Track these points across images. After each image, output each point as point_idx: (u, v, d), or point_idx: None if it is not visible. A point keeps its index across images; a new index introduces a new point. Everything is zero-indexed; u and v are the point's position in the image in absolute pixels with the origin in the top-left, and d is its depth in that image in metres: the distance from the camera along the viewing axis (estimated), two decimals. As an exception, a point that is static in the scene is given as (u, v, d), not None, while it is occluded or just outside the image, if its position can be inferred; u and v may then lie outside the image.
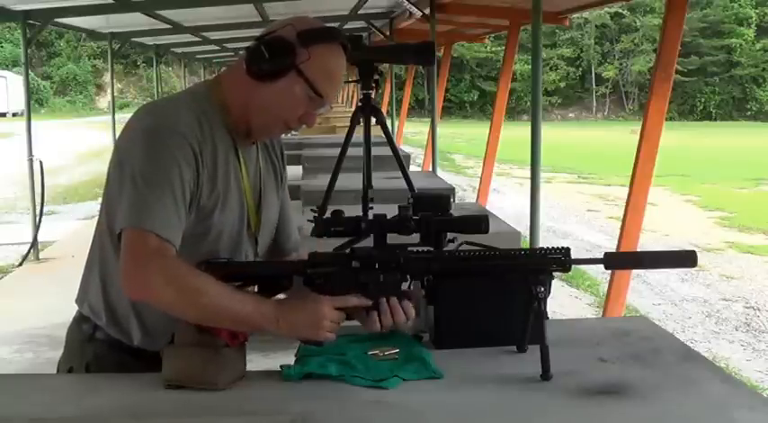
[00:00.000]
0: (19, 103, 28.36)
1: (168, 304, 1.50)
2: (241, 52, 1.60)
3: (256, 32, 1.80)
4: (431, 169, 8.48)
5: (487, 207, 7.60)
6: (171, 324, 1.53)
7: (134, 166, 1.53)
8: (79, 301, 1.73)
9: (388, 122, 6.39)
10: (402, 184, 4.01)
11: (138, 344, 1.67)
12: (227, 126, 1.65)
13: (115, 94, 12.94)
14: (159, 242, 1.50)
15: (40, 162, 7.68)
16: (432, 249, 1.61)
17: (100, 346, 1.69)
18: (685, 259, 1.60)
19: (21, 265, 7.57)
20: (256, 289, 1.61)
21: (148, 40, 12.77)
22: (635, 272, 5.92)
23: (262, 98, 1.61)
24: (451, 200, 3.01)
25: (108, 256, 1.64)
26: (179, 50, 15.77)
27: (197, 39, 12.01)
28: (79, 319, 1.73)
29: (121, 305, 1.66)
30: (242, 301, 1.50)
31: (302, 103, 1.61)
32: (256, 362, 1.70)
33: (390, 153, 4.03)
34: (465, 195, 12.48)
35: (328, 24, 1.68)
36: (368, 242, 1.62)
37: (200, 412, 1.41)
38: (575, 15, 12.68)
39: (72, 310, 1.77)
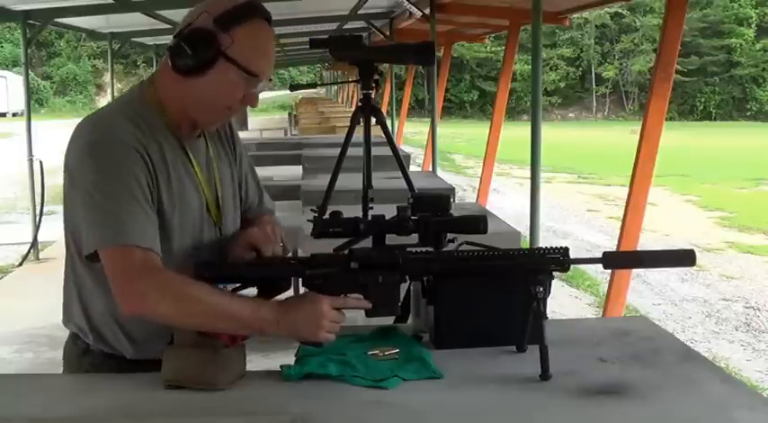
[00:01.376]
0: (19, 103, 28.32)
1: (166, 316, 1.49)
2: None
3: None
4: (431, 169, 8.48)
5: (487, 207, 7.59)
6: (158, 332, 1.52)
7: (89, 183, 1.51)
8: (65, 322, 1.72)
9: (388, 122, 6.38)
10: (402, 184, 3.99)
11: (131, 357, 1.66)
12: (168, 125, 1.62)
13: (115, 94, 12.91)
14: (143, 253, 1.49)
15: (40, 162, 7.69)
16: (431, 249, 1.61)
17: (96, 357, 1.68)
18: (684, 258, 1.60)
19: (21, 265, 7.58)
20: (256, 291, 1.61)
21: (148, 40, 12.76)
22: (635, 272, 5.92)
23: (197, 92, 1.58)
24: (451, 200, 3.01)
25: (82, 279, 1.63)
26: (179, 50, 15.74)
27: (197, 39, 11.97)
28: (73, 335, 1.72)
29: (105, 324, 1.65)
30: (240, 306, 1.49)
31: (239, 87, 1.58)
32: (256, 362, 1.70)
33: (390, 153, 4.01)
34: (465, 195, 12.47)
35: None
36: (367, 243, 1.62)
37: (200, 412, 1.41)
38: (575, 15, 12.67)
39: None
